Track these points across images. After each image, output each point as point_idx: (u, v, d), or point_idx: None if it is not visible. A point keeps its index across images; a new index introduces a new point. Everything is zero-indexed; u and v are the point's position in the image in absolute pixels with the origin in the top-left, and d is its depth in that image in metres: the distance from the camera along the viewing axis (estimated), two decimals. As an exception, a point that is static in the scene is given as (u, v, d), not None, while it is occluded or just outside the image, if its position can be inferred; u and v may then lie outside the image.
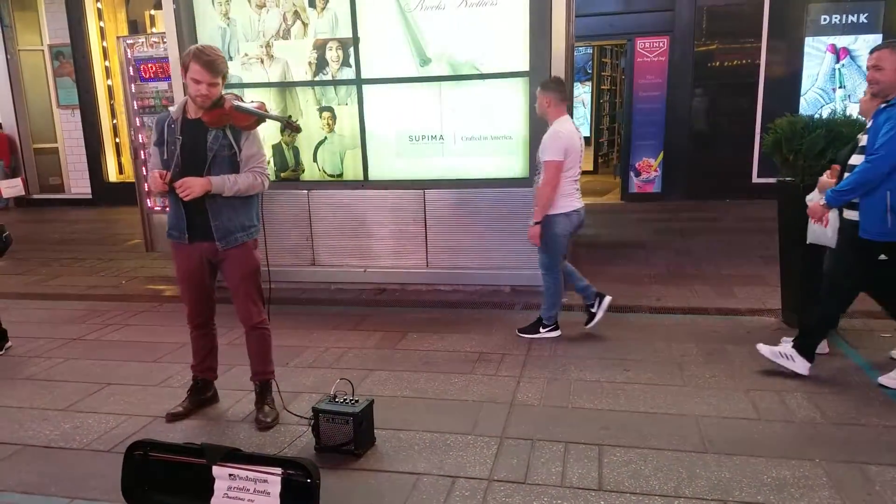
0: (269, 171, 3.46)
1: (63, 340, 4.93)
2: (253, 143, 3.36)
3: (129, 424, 3.55)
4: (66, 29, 11.33)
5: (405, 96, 5.55)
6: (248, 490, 2.61)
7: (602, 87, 14.21)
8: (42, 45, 11.78)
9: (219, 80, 3.21)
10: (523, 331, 4.69)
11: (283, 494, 2.56)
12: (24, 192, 11.82)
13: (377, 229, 5.78)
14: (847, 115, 4.46)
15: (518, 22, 5.21)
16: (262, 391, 3.58)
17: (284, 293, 5.39)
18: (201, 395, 3.70)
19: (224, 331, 4.55)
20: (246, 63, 5.75)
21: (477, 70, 5.36)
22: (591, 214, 9.32)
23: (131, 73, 6.66)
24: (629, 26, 9.82)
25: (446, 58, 5.40)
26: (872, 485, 2.79)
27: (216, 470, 2.65)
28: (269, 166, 5.92)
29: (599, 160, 14.06)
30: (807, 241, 4.05)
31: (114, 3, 11.56)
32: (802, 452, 3.05)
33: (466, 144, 5.51)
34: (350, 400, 3.18)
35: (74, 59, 11.38)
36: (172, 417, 3.57)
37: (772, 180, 4.95)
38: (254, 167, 3.33)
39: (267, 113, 3.37)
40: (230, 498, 2.63)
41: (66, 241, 8.74)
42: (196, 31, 5.75)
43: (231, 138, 3.28)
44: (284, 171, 5.91)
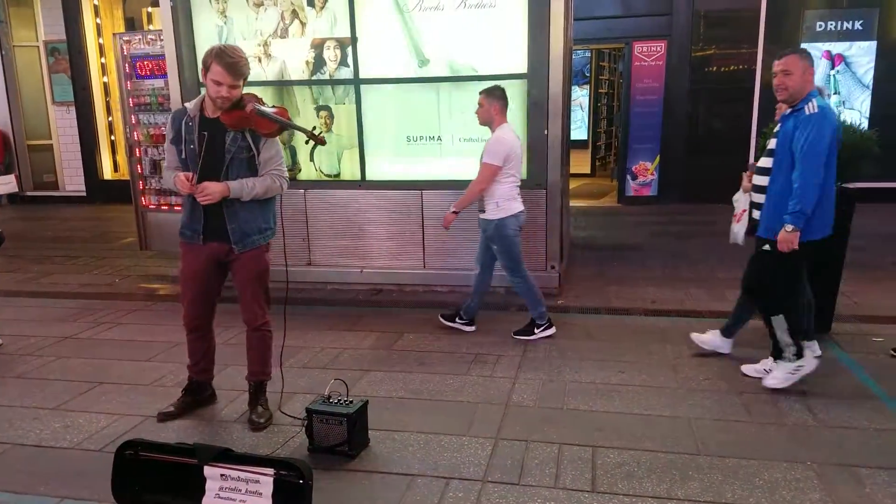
0: (286, 172, 3.41)
1: (55, 339, 4.90)
2: (272, 146, 3.32)
3: (121, 424, 3.53)
4: (61, 25, 11.28)
5: (403, 97, 5.55)
6: (240, 490, 2.60)
7: (600, 91, 14.24)
8: (37, 41, 11.73)
9: (240, 82, 3.16)
10: (519, 333, 4.70)
11: (275, 495, 2.55)
12: (17, 189, 11.79)
13: (374, 230, 5.77)
14: (842, 120, 4.47)
15: (516, 24, 5.21)
16: (257, 391, 3.56)
17: (280, 293, 5.38)
18: (197, 396, 3.67)
19: (220, 330, 4.53)
20: (243, 62, 5.73)
21: (475, 71, 5.36)
22: (588, 217, 9.38)
23: (127, 70, 6.63)
24: (627, 30, 9.84)
25: (444, 59, 5.40)
26: (863, 487, 2.80)
27: (208, 470, 2.64)
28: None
29: (597, 163, 14.09)
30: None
31: (110, 0, 11.53)
32: (794, 455, 3.06)
33: (464, 146, 5.51)
34: (344, 401, 3.17)
35: (70, 56, 11.34)
36: (164, 417, 3.54)
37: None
38: (272, 170, 3.31)
39: (291, 122, 3.30)
40: (221, 498, 2.61)
41: (59, 239, 8.70)
42: (193, 28, 5.73)
43: (250, 140, 3.25)
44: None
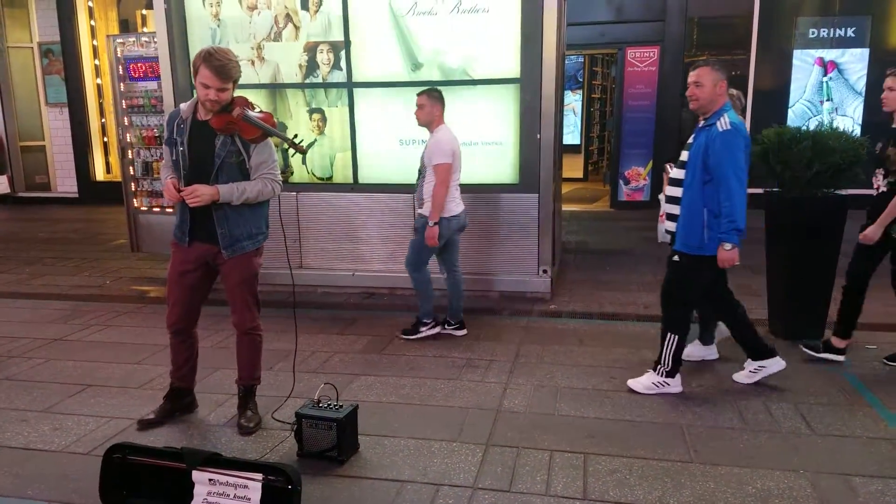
0: (279, 176, 3.37)
1: (45, 341, 4.86)
2: (263, 150, 3.26)
3: (109, 427, 3.49)
4: (55, 26, 11.25)
5: (396, 100, 5.54)
6: (228, 495, 2.58)
7: (593, 96, 14.28)
8: (31, 42, 11.69)
9: (229, 85, 3.11)
10: (406, 332, 4.80)
11: (263, 500, 2.53)
12: (9, 190, 11.75)
13: (366, 233, 5.75)
14: (834, 127, 4.49)
15: (510, 29, 5.21)
16: (246, 395, 3.53)
17: (272, 296, 5.35)
18: (178, 402, 3.59)
19: (209, 333, 4.53)
20: (236, 64, 5.71)
21: (468, 76, 5.36)
22: (581, 221, 9.39)
23: (121, 72, 6.61)
24: (620, 36, 9.88)
25: (438, 63, 5.40)
26: (857, 496, 2.79)
27: (196, 474, 2.61)
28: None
29: (589, 168, 14.12)
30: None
31: (105, 2, 11.50)
32: (788, 463, 3.05)
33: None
34: (334, 405, 3.15)
35: (64, 57, 11.30)
36: (144, 424, 3.47)
37: (759, 190, 4.97)
38: (264, 174, 3.26)
39: (274, 129, 3.23)
40: (210, 503, 2.59)
41: (50, 240, 8.65)
42: (187, 31, 5.72)
43: (240, 145, 3.19)
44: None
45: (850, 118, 9.22)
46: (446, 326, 4.85)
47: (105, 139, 11.75)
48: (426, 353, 4.50)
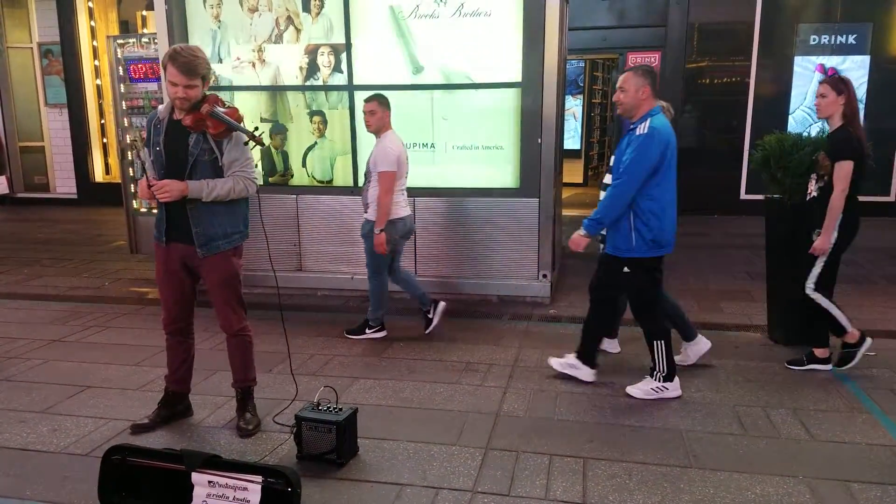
0: (256, 175, 3.35)
1: (43, 342, 4.85)
2: (236, 148, 3.23)
3: (108, 428, 3.49)
4: (55, 27, 11.24)
5: (397, 104, 5.52)
6: (228, 498, 2.57)
7: (593, 101, 14.30)
8: (31, 42, 11.69)
9: (196, 81, 3.11)
10: (350, 332, 4.89)
11: (262, 502, 2.53)
12: (8, 191, 11.73)
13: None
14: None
15: (512, 33, 5.22)
16: (244, 398, 3.52)
17: (270, 298, 5.34)
18: (172, 408, 3.57)
19: (207, 335, 4.52)
20: (238, 66, 5.72)
21: (469, 79, 5.37)
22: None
23: (121, 73, 6.61)
24: (621, 41, 9.90)
25: (439, 66, 5.41)
26: (856, 502, 2.79)
27: (195, 476, 2.61)
28: (256, 170, 5.89)
29: (590, 173, 14.12)
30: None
31: (105, 3, 11.50)
32: (787, 469, 3.05)
33: (457, 153, 5.51)
34: (334, 408, 3.14)
35: (64, 58, 11.30)
36: (138, 429, 3.44)
37: (760, 197, 4.98)
38: (236, 172, 3.23)
39: (236, 123, 3.19)
40: (209, 505, 2.58)
41: (49, 241, 8.63)
42: (188, 32, 5.72)
43: (212, 143, 3.18)
44: (273, 175, 5.87)
45: (849, 125, 9.22)
46: (367, 330, 4.91)
47: (104, 140, 11.74)
48: (425, 357, 4.49)
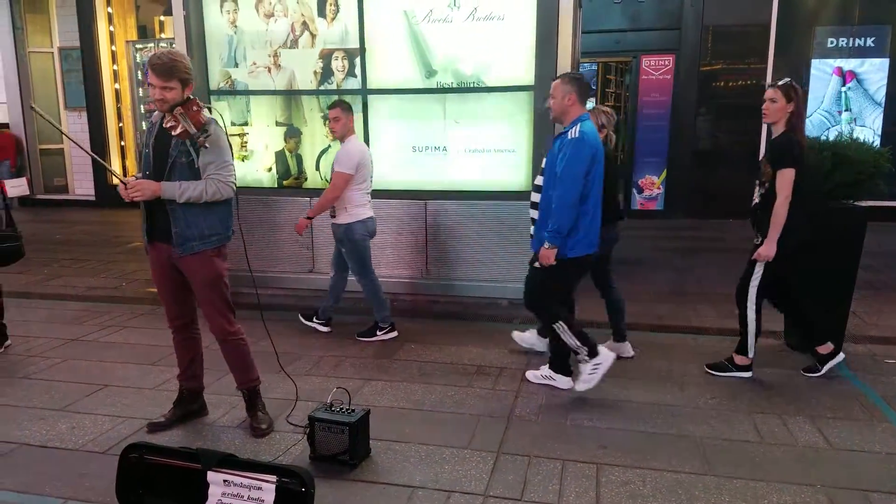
0: (233, 178, 3.31)
1: (62, 340, 4.91)
2: (211, 151, 3.20)
3: (125, 426, 3.52)
4: (75, 32, 11.40)
5: (410, 107, 5.56)
6: (242, 497, 2.59)
7: (606, 104, 14.25)
8: (52, 47, 11.85)
9: (172, 83, 3.13)
10: (362, 335, 4.95)
11: (277, 502, 2.54)
12: (28, 192, 11.87)
13: (377, 239, 5.74)
14: (854, 137, 4.45)
15: (525, 36, 5.22)
16: (252, 398, 3.53)
17: (282, 300, 5.39)
18: (187, 407, 3.60)
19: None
20: (254, 71, 5.77)
21: (482, 83, 5.37)
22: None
23: (139, 77, 6.68)
24: (635, 44, 9.86)
25: (452, 70, 5.42)
26: (873, 511, 2.76)
27: (211, 475, 2.63)
28: (270, 173, 5.93)
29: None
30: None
31: (124, 8, 11.65)
32: (804, 477, 3.02)
33: (469, 157, 5.51)
34: (346, 409, 3.16)
35: (83, 62, 11.44)
36: (154, 427, 3.47)
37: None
38: (210, 175, 3.21)
39: (191, 124, 3.15)
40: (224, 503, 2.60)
41: (68, 242, 8.74)
42: (205, 37, 5.77)
43: (189, 145, 3.20)
44: (287, 178, 5.91)
45: (869, 129, 9.14)
46: (315, 320, 5.06)
47: (122, 143, 11.87)
48: (437, 360, 4.49)
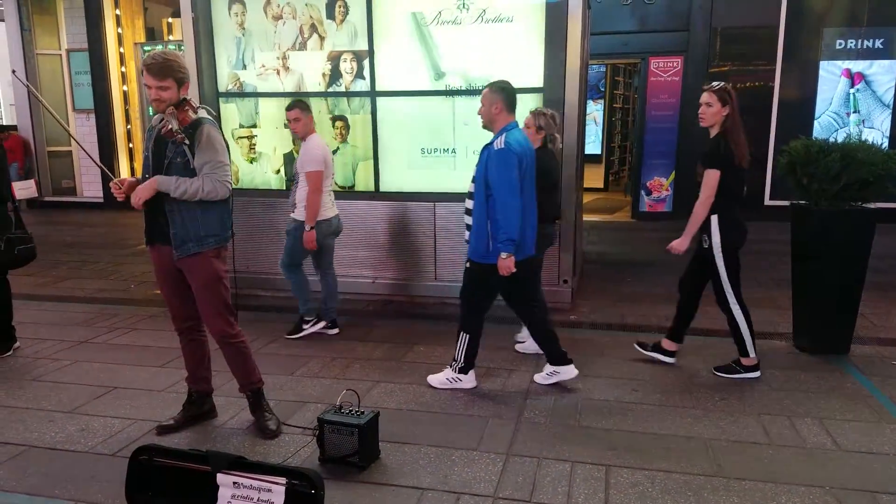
0: (229, 178, 3.32)
1: (71, 343, 4.94)
2: (206, 150, 3.21)
3: (134, 429, 3.54)
4: (83, 34, 11.46)
5: (418, 109, 5.57)
6: (252, 499, 2.59)
7: (615, 106, 14.24)
8: (60, 49, 11.91)
9: (167, 83, 3.14)
10: (290, 333, 5.02)
11: (286, 505, 2.55)
12: (36, 195, 11.93)
13: (387, 241, 5.78)
14: (863, 139, 4.44)
15: (533, 38, 5.23)
16: (256, 399, 3.53)
17: (292, 302, 5.39)
18: (197, 410, 3.60)
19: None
20: (262, 74, 5.79)
21: (491, 85, 5.37)
22: (602, 232, 9.35)
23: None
24: (643, 45, 9.85)
25: (460, 72, 5.43)
26: (884, 515, 2.75)
27: (220, 477, 2.63)
28: (278, 175, 5.95)
29: (610, 178, 14.06)
30: None
31: (132, 10, 11.71)
32: (813, 479, 3.01)
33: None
34: (356, 411, 3.16)
35: (91, 64, 11.50)
36: (163, 430, 3.48)
37: (784, 203, 4.93)
38: (207, 174, 3.22)
39: (174, 123, 3.18)
40: (233, 507, 2.61)
41: (76, 244, 8.79)
42: (213, 39, 5.80)
43: (184, 146, 3.21)
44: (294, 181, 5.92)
45: (878, 130, 9.10)
46: (304, 326, 5.07)
47: (130, 145, 11.93)
48: (446, 362, 4.48)
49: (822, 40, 9.19)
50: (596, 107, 14.51)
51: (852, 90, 9.17)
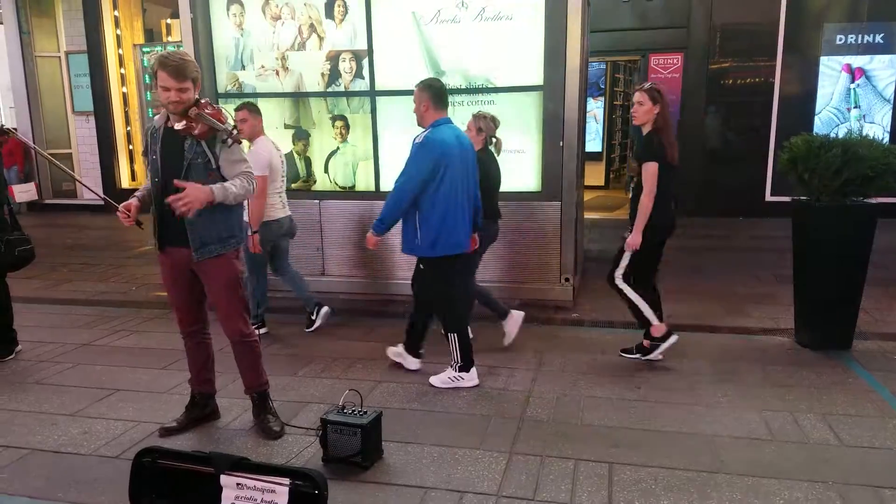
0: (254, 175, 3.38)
1: (72, 345, 4.94)
2: (234, 150, 3.23)
3: (137, 431, 3.54)
4: (82, 36, 11.45)
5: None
6: (256, 500, 2.59)
7: (615, 103, 14.22)
8: (59, 51, 11.91)
9: (187, 84, 3.12)
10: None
11: (290, 505, 2.55)
12: (36, 197, 11.95)
13: (388, 241, 5.75)
14: (864, 134, 4.43)
15: (533, 36, 5.22)
16: (262, 401, 3.53)
17: (293, 302, 5.40)
18: (200, 411, 3.60)
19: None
20: (262, 74, 5.79)
21: (491, 83, 5.37)
22: (602, 229, 9.33)
23: (147, 81, 6.71)
24: (643, 42, 9.84)
25: (460, 70, 5.42)
26: (888, 510, 2.74)
27: (224, 479, 2.63)
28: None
29: (611, 175, 14.04)
30: None
31: (131, 12, 11.69)
32: (816, 474, 3.01)
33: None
34: (358, 411, 3.16)
35: (90, 66, 11.49)
36: (166, 432, 3.47)
37: (785, 199, 4.92)
38: (242, 172, 3.23)
39: (216, 122, 3.17)
40: (237, 508, 2.61)
41: (77, 247, 8.79)
42: (212, 40, 5.80)
43: (205, 146, 3.18)
44: (296, 181, 5.92)
45: (878, 125, 9.09)
46: (312, 317, 5.13)
47: (130, 147, 11.92)
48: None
49: (822, 36, 9.17)
50: (596, 104, 14.48)
51: (853, 85, 9.15)
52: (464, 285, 4.36)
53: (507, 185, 5.46)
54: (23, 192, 11.55)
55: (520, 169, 5.45)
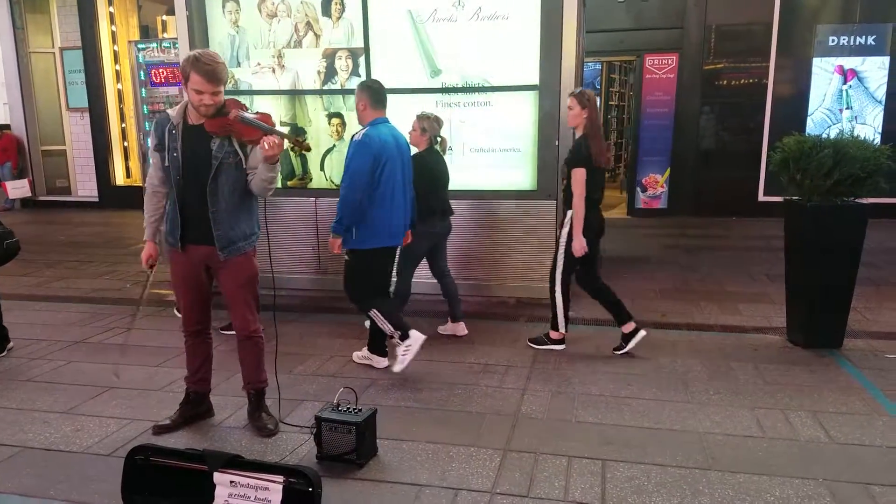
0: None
1: (66, 343, 4.93)
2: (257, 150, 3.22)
3: (131, 429, 3.53)
4: (77, 32, 11.41)
5: (414, 107, 5.56)
6: (249, 497, 2.60)
7: (610, 103, 14.26)
8: (53, 47, 11.87)
9: (221, 87, 3.12)
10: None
11: (284, 502, 2.55)
12: (30, 194, 11.91)
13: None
14: (855, 135, 4.46)
15: (529, 36, 5.24)
16: (258, 399, 3.54)
17: (289, 300, 5.40)
18: (194, 409, 3.60)
19: (226, 337, 4.56)
20: (258, 72, 5.78)
21: (487, 82, 5.39)
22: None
23: (142, 77, 6.70)
24: (639, 43, 9.88)
25: (456, 69, 5.43)
26: (878, 507, 2.77)
27: (217, 476, 2.64)
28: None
29: (606, 175, 14.07)
30: None
31: (126, 8, 11.66)
32: (807, 471, 3.03)
33: (474, 156, 5.53)
34: (353, 409, 3.17)
35: (85, 62, 11.45)
36: (160, 430, 3.47)
37: (778, 199, 4.96)
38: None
39: (273, 128, 3.17)
40: (231, 504, 2.62)
41: (71, 244, 8.76)
42: (208, 37, 5.79)
43: (236, 145, 3.19)
44: (291, 179, 5.92)
45: (870, 126, 9.15)
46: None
47: (125, 144, 11.89)
48: (443, 359, 4.51)
49: (815, 37, 9.23)
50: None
51: (845, 87, 9.21)
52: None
53: (502, 183, 5.51)
54: (16, 189, 11.52)
55: (515, 167, 5.47)
